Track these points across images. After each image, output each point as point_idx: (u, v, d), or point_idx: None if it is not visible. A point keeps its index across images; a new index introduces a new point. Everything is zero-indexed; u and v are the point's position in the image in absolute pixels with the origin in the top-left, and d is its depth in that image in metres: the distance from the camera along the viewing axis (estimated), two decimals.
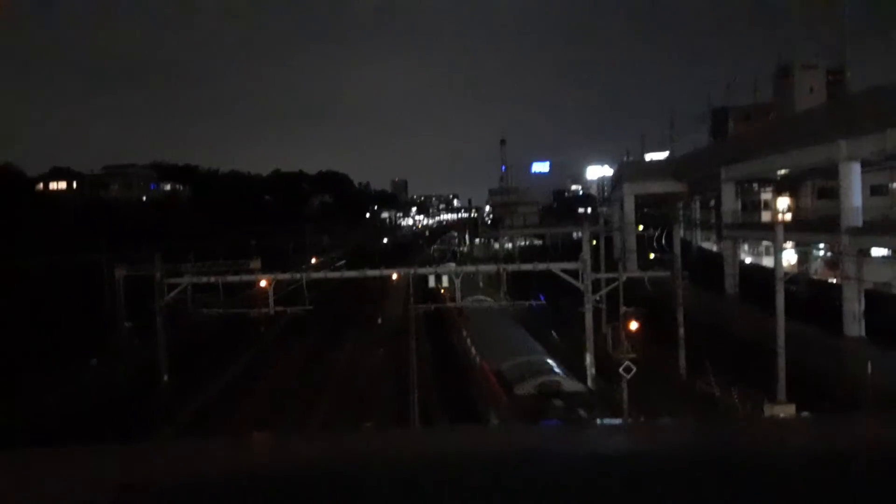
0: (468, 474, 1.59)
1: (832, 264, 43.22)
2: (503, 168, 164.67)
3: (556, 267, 28.93)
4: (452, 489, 1.57)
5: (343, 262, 72.90)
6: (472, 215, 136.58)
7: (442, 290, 38.81)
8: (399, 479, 1.57)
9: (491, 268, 34.72)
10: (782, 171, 46.73)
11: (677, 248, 33.29)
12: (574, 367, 27.88)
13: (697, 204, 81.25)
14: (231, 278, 32.30)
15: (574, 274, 28.19)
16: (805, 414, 15.36)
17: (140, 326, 37.86)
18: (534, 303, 37.19)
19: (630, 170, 75.15)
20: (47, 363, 32.96)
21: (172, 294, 30.73)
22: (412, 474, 1.59)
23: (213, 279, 31.67)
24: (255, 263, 41.54)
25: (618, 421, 19.68)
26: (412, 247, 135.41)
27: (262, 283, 32.07)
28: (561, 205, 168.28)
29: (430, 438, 2.07)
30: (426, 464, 1.65)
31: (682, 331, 30.16)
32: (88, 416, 27.19)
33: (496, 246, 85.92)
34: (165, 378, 31.59)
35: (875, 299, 34.55)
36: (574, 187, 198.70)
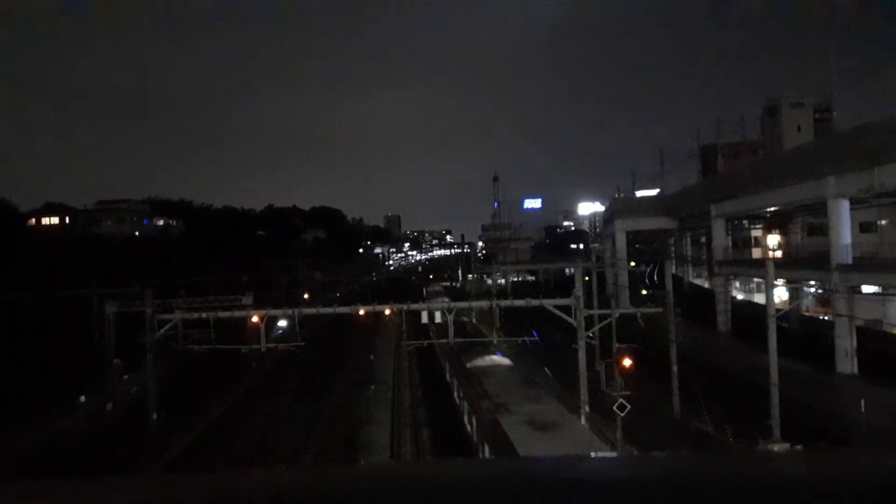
0: None
1: (823, 301, 43.30)
2: (496, 204, 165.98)
3: (548, 303, 28.87)
4: None
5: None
6: (465, 251, 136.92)
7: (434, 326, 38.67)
8: None
9: (484, 303, 34.64)
10: (772, 208, 47.05)
11: (669, 285, 33.28)
12: (568, 404, 27.68)
13: (688, 240, 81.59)
14: (222, 314, 32.08)
15: (567, 310, 28.13)
16: (800, 447, 15.26)
17: (130, 363, 37.40)
18: (527, 339, 37.09)
19: (621, 206, 75.47)
20: (35, 401, 32.44)
21: (163, 330, 30.46)
22: None
23: (204, 315, 31.45)
24: (247, 299, 41.30)
25: (613, 453, 19.48)
26: (403, 283, 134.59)
27: (254, 319, 31.86)
28: (553, 240, 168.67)
29: (423, 471, 2.05)
30: (419, 497, 1.63)
31: (675, 368, 30.00)
32: (73, 456, 26.70)
33: (489, 282, 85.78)
34: (154, 417, 31.12)
35: (867, 336, 34.54)
36: (566, 223, 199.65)
